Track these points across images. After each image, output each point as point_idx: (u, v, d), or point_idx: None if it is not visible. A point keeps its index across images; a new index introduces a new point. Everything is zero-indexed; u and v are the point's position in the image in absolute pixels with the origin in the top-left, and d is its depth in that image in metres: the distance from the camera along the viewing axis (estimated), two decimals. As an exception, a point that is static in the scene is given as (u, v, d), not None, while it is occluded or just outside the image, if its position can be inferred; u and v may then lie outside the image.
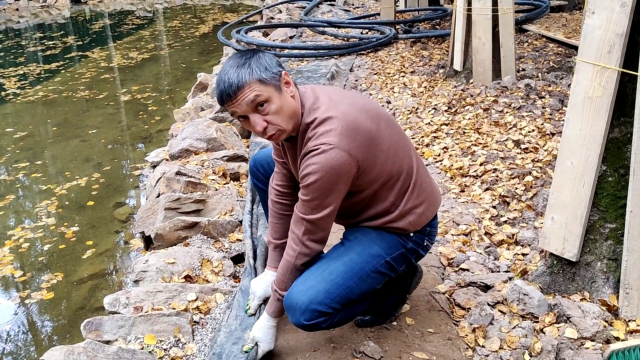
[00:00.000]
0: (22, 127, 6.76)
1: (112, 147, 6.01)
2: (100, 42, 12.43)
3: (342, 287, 2.00)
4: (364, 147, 1.88)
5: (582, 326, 2.21)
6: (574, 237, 2.41)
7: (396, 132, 2.05)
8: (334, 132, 1.84)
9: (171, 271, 2.90)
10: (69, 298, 3.43)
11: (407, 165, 2.05)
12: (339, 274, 2.01)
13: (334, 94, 2.00)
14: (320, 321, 1.99)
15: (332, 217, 1.96)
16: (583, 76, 2.31)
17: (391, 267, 2.10)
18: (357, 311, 2.15)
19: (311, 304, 1.95)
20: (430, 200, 2.12)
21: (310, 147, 1.86)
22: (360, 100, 2.03)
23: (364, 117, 1.92)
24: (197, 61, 10.18)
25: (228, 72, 1.84)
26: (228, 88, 1.83)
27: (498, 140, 4.09)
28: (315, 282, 1.99)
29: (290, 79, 1.93)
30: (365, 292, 2.07)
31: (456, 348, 2.22)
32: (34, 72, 9.55)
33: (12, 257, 3.90)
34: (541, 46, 6.86)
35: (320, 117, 1.89)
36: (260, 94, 1.84)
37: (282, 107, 1.88)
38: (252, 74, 1.82)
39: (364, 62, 7.42)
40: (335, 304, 1.99)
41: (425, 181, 2.12)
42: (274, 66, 1.87)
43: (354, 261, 2.04)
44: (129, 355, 2.18)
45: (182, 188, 3.79)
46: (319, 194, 1.87)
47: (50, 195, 4.80)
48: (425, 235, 2.16)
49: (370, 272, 2.05)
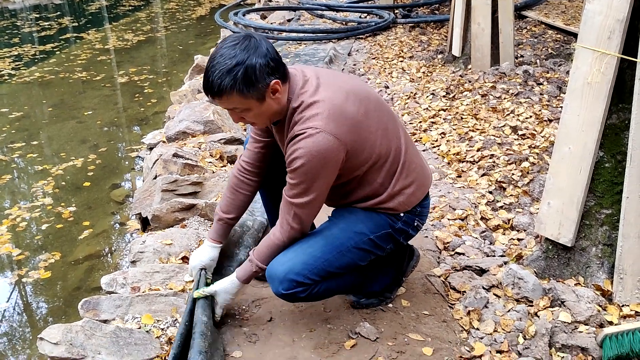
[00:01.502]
0: (17, 107, 6.72)
1: (109, 129, 5.98)
2: (96, 24, 12.32)
3: (320, 259, 2.03)
4: (351, 130, 1.89)
5: (576, 310, 2.23)
6: (570, 222, 2.43)
7: (385, 113, 2.06)
8: (321, 116, 1.85)
9: (168, 252, 2.90)
10: (65, 278, 3.44)
11: (396, 146, 2.06)
12: (318, 247, 2.05)
13: (323, 76, 1.99)
14: (298, 291, 2.04)
15: (320, 200, 1.97)
16: (582, 62, 2.31)
17: (376, 245, 2.12)
18: (339, 285, 2.18)
19: (289, 274, 2.01)
20: (420, 181, 2.13)
21: (296, 132, 1.87)
22: (350, 82, 2.03)
23: (352, 99, 1.93)
24: (194, 43, 10.12)
25: (215, 68, 1.80)
26: (209, 88, 1.83)
27: (495, 126, 4.09)
28: (294, 254, 2.04)
29: (282, 81, 1.89)
30: (346, 266, 2.10)
31: (451, 330, 2.24)
32: (29, 53, 9.47)
33: (9, 236, 3.90)
34: (540, 33, 6.85)
35: (307, 101, 1.89)
36: (237, 106, 1.87)
37: (262, 113, 1.90)
38: (235, 86, 1.80)
39: (363, 47, 7.39)
40: (313, 275, 2.03)
41: (414, 161, 2.12)
42: (263, 78, 1.81)
43: (335, 236, 2.07)
44: (127, 334, 2.19)
45: (179, 170, 3.79)
46: (306, 177, 1.88)
47: (47, 176, 4.79)
48: (415, 215, 2.17)
49: (351, 248, 2.07)
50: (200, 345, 1.94)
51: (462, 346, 2.16)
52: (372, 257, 2.17)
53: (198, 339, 1.96)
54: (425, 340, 2.17)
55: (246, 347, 2.16)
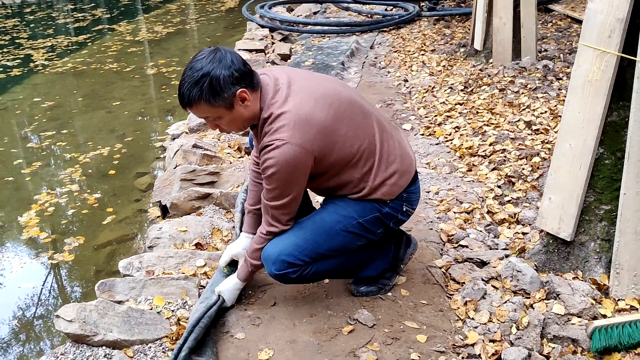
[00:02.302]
0: (50, 97, 6.96)
1: (136, 119, 6.17)
2: (129, 15, 12.59)
3: (310, 241, 2.18)
4: (317, 137, 2.01)
5: (570, 303, 2.28)
6: (570, 217, 2.47)
7: (357, 112, 2.16)
8: (287, 127, 1.98)
9: (183, 238, 3.04)
10: (88, 261, 3.61)
11: (369, 143, 2.15)
12: (308, 230, 2.20)
13: (295, 82, 2.10)
14: (289, 272, 2.19)
15: (295, 201, 2.14)
16: (584, 60, 2.35)
17: (365, 229, 2.23)
18: (329, 267, 2.29)
19: (280, 255, 2.17)
20: (401, 170, 2.23)
21: (265, 143, 2.02)
22: (321, 86, 2.13)
23: (321, 105, 2.04)
24: (222, 36, 10.27)
25: (185, 80, 1.97)
26: (180, 99, 2.02)
27: (510, 120, 4.12)
28: (286, 237, 2.20)
29: (251, 89, 2.03)
30: (336, 249, 2.23)
31: (446, 319, 2.32)
32: (62, 44, 9.75)
33: (37, 220, 4.10)
34: (565, 26, 6.78)
35: (275, 112, 2.02)
36: (208, 115, 2.05)
37: (234, 119, 2.06)
38: (202, 96, 1.96)
39: (385, 40, 7.42)
40: (304, 257, 2.18)
41: (392, 153, 2.21)
42: (228, 87, 1.96)
43: (324, 219, 2.22)
44: (138, 314, 2.33)
45: (198, 160, 3.93)
46: (279, 184, 2.05)
47: (75, 164, 4.99)
48: (403, 201, 2.27)
49: (340, 231, 2.20)
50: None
51: (456, 335, 2.24)
52: (364, 241, 2.29)
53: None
54: (421, 328, 2.26)
55: (249, 329, 2.28)
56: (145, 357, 2.19)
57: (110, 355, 2.14)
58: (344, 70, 6.11)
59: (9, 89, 7.43)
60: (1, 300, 3.35)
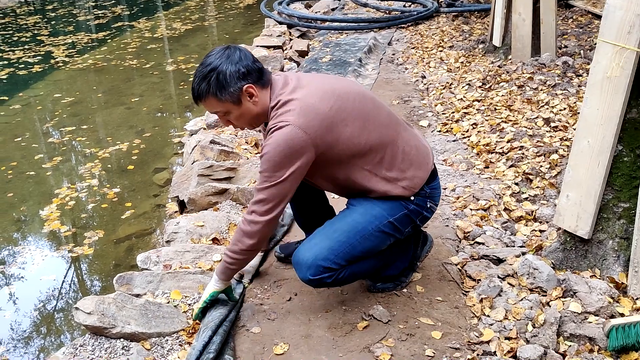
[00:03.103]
0: (70, 93, 7.06)
1: (155, 115, 6.23)
2: (148, 12, 12.68)
3: (345, 244, 2.16)
4: (321, 126, 2.01)
5: (587, 301, 2.27)
6: (588, 215, 2.45)
7: (369, 105, 2.16)
8: (292, 111, 2.00)
9: (200, 233, 3.07)
10: (107, 255, 3.67)
11: (380, 134, 2.15)
12: (342, 232, 2.17)
13: (304, 79, 2.14)
14: (325, 276, 2.15)
15: (281, 191, 2.03)
16: (603, 56, 2.33)
17: (395, 228, 2.22)
18: (362, 270, 2.28)
19: (316, 260, 2.13)
20: (418, 161, 2.22)
21: (269, 126, 2.04)
22: (330, 83, 2.15)
23: (328, 97, 2.06)
24: (240, 32, 10.31)
25: (195, 76, 2.06)
26: (192, 93, 2.09)
27: (528, 117, 4.09)
28: (319, 240, 2.17)
29: (259, 86, 2.06)
30: (369, 250, 2.21)
31: (462, 316, 2.32)
32: (82, 41, 9.86)
33: (58, 213, 4.17)
34: (586, 22, 6.70)
35: (283, 99, 2.06)
36: (217, 109, 2.09)
37: (243, 115, 2.10)
38: (210, 90, 2.03)
39: (403, 36, 7.39)
40: (340, 260, 2.15)
41: (408, 145, 2.22)
42: (234, 82, 2.02)
43: (357, 221, 2.19)
44: (155, 307, 2.36)
45: (215, 156, 3.96)
46: (268, 165, 2.01)
47: (94, 159, 5.06)
48: (426, 197, 2.26)
49: (373, 231, 2.18)
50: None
51: (472, 332, 2.23)
52: (392, 241, 2.28)
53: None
54: (436, 325, 2.26)
55: (265, 323, 2.30)
56: (162, 349, 2.22)
57: (128, 347, 2.18)
58: (361, 67, 6.10)
59: (31, 85, 7.54)
60: (23, 291, 3.41)
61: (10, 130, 5.92)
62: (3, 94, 7.08)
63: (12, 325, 3.12)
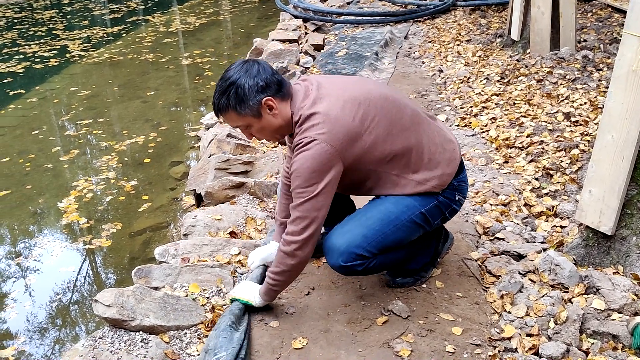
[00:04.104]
0: (87, 87, 7.09)
1: (170, 109, 6.24)
2: (163, 6, 12.71)
3: (379, 232, 2.14)
4: (346, 138, 2.00)
5: (610, 298, 2.23)
6: (611, 210, 2.41)
7: (392, 107, 2.13)
8: (316, 126, 1.99)
9: (217, 227, 3.07)
10: (124, 248, 3.68)
11: (405, 138, 2.12)
12: (375, 220, 2.15)
13: (324, 87, 2.11)
14: (356, 264, 2.14)
15: (316, 206, 2.01)
16: (628, 49, 2.28)
17: (426, 220, 2.20)
18: (390, 260, 2.26)
19: (349, 247, 2.12)
20: (445, 158, 2.20)
21: (295, 143, 2.03)
22: (350, 88, 2.12)
23: (349, 107, 2.03)
24: (255, 26, 10.30)
25: (216, 90, 2.07)
26: (213, 107, 2.10)
27: (548, 112, 4.03)
28: (353, 227, 2.15)
29: (279, 98, 2.05)
30: (400, 240, 2.20)
31: (482, 312, 2.29)
32: (97, 35, 9.91)
33: (76, 205, 4.19)
34: (606, 16, 6.60)
35: (305, 114, 2.03)
36: (238, 124, 2.10)
37: (264, 128, 2.10)
38: (229, 105, 2.04)
39: (420, 30, 7.34)
40: (372, 248, 2.14)
41: (434, 143, 2.19)
42: (253, 96, 2.02)
43: (390, 210, 2.16)
44: (174, 300, 2.36)
45: (232, 150, 3.95)
46: (300, 182, 2.00)
47: (111, 152, 5.08)
48: (455, 190, 2.24)
49: (406, 221, 2.16)
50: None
51: (492, 328, 2.21)
52: (421, 232, 2.26)
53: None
54: (456, 321, 2.23)
55: (283, 318, 2.29)
56: (181, 342, 2.22)
57: (147, 340, 2.18)
58: (377, 61, 6.06)
59: (47, 78, 7.59)
60: (41, 283, 3.44)
61: (27, 123, 5.96)
62: (20, 88, 7.14)
63: (30, 317, 3.15)
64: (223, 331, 2.10)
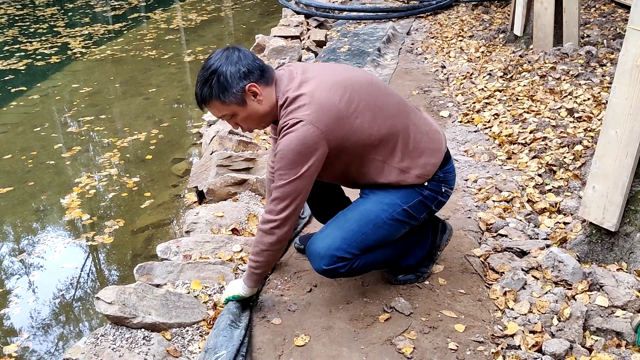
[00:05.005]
0: (88, 83, 7.08)
1: (172, 106, 6.23)
2: (163, 3, 12.68)
3: (358, 233, 2.13)
4: (332, 121, 1.98)
5: (614, 295, 2.22)
6: (614, 207, 2.40)
7: (379, 92, 2.12)
8: (301, 107, 1.97)
9: (219, 224, 3.06)
10: (126, 245, 3.67)
11: (391, 124, 2.10)
12: (354, 222, 2.15)
13: (309, 71, 2.09)
14: (338, 266, 2.13)
15: (297, 188, 2.00)
16: (632, 44, 2.26)
17: (410, 215, 2.19)
18: (378, 258, 2.25)
19: (329, 250, 2.11)
20: (430, 147, 2.18)
21: (281, 125, 2.01)
22: (336, 73, 2.11)
23: (335, 89, 2.02)
24: (257, 22, 10.27)
25: (197, 81, 2.03)
26: (196, 98, 2.06)
27: (551, 108, 4.02)
28: (332, 230, 2.15)
29: (263, 83, 2.02)
30: (383, 239, 2.19)
31: (485, 309, 2.28)
32: (99, 32, 9.89)
33: (79, 202, 4.19)
34: (609, 11, 6.57)
35: (291, 96, 2.02)
36: (223, 113, 2.05)
37: (249, 115, 2.06)
38: (213, 94, 1.99)
39: (422, 25, 7.31)
40: (353, 250, 2.13)
41: (420, 132, 2.17)
42: (236, 82, 1.98)
43: (369, 209, 2.16)
44: (176, 298, 2.36)
45: (234, 147, 3.94)
46: (283, 164, 1.99)
47: (113, 148, 5.07)
48: (440, 182, 2.22)
49: (387, 220, 2.15)
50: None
51: (495, 325, 2.20)
52: (407, 228, 2.25)
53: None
54: (459, 318, 2.22)
55: (285, 315, 2.28)
56: (183, 340, 2.22)
57: (149, 337, 2.18)
58: (380, 57, 6.04)
59: (49, 75, 7.58)
60: (44, 280, 3.44)
61: (29, 120, 5.96)
62: (22, 85, 7.13)
63: (33, 314, 3.15)
64: (223, 330, 2.10)
